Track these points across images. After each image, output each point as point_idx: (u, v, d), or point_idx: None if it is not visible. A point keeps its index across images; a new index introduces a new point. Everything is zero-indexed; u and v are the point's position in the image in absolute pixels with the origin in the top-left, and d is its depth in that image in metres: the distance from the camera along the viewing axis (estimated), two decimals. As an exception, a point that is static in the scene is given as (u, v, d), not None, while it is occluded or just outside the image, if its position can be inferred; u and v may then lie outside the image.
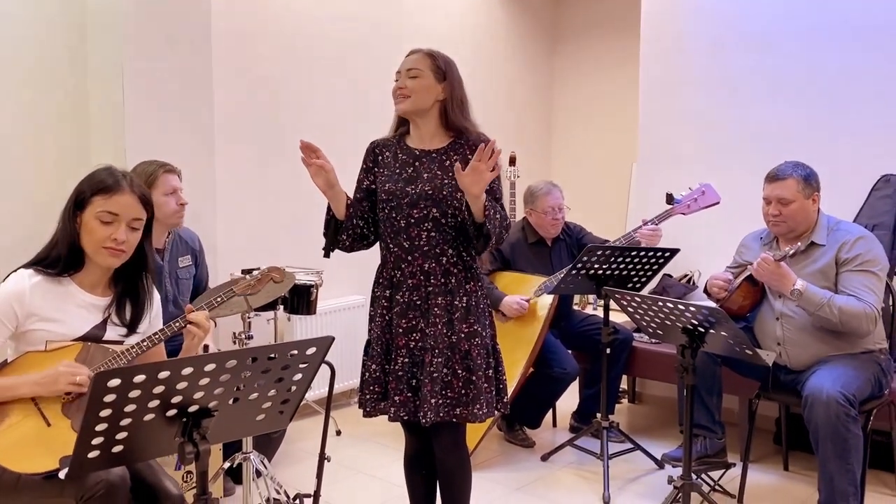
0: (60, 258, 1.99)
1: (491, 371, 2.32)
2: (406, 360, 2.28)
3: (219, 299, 2.12)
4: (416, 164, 2.32)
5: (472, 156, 2.28)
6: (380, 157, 2.39)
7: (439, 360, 2.24)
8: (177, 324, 2.01)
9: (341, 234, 2.34)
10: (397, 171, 2.33)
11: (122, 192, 1.98)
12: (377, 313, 2.34)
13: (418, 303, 2.28)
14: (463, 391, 2.26)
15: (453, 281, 2.28)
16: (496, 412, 2.34)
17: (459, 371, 2.25)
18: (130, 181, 2.02)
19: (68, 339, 1.95)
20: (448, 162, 2.30)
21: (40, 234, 2.10)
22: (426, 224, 2.27)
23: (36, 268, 1.99)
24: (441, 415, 2.23)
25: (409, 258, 2.28)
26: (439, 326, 2.25)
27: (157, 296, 2.18)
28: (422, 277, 2.28)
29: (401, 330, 2.28)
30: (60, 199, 2.07)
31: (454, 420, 2.26)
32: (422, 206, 2.26)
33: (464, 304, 2.28)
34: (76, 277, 2.01)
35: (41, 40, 3.93)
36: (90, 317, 2.01)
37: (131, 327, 2.06)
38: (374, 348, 2.34)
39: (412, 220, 2.27)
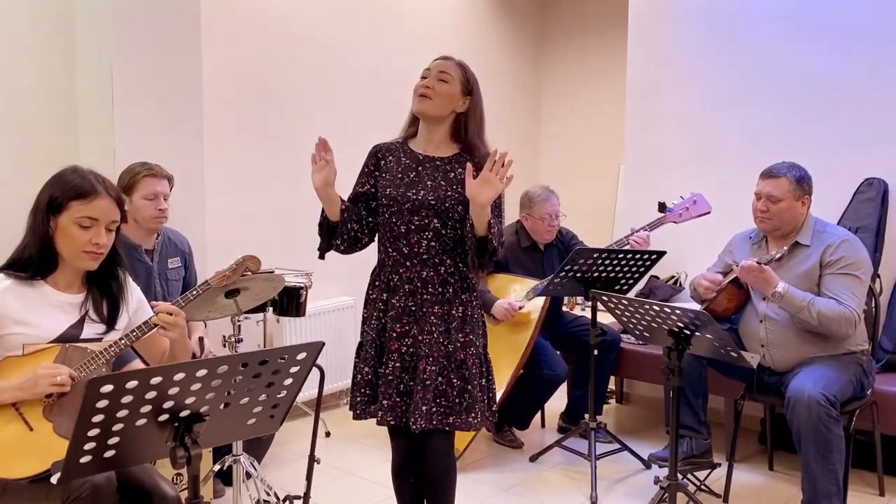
0: (32, 261, 1.98)
1: (484, 380, 2.34)
2: (397, 364, 2.29)
3: (194, 293, 2.14)
4: (419, 168, 2.33)
5: (476, 169, 2.29)
6: (382, 162, 2.38)
7: (434, 368, 2.25)
8: (146, 325, 2.02)
9: (336, 238, 2.33)
10: (399, 175, 2.33)
11: (100, 197, 1.97)
12: (372, 316, 2.35)
13: (413, 309, 2.29)
14: (457, 400, 2.27)
15: (450, 291, 2.30)
16: (487, 421, 2.36)
17: (454, 380, 2.27)
18: (104, 183, 2.01)
19: (45, 342, 1.95)
20: (452, 174, 2.31)
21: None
22: (426, 233, 2.28)
23: (6, 272, 1.98)
24: (434, 422, 2.25)
25: (408, 264, 2.29)
26: (435, 335, 2.27)
27: (136, 289, 2.17)
28: (419, 284, 2.29)
29: (394, 334, 2.29)
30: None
31: (446, 428, 2.28)
32: (423, 215, 2.27)
33: (460, 314, 2.30)
34: (49, 279, 2.01)
35: (28, 38, 3.91)
36: (66, 316, 2.00)
37: (109, 323, 2.06)
38: (366, 351, 2.34)
39: (412, 227, 2.28)
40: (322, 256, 2.41)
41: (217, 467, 2.83)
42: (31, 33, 3.93)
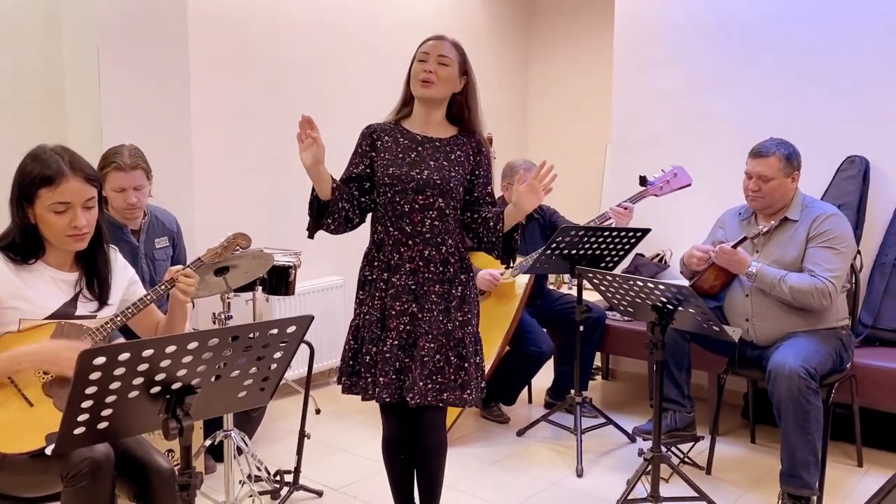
0: (18, 248, 1.97)
1: (478, 358, 2.39)
2: (395, 342, 2.30)
3: (191, 268, 2.16)
4: (420, 148, 2.34)
5: (475, 153, 2.37)
6: (378, 142, 2.37)
7: (432, 345, 2.29)
8: (148, 297, 2.03)
9: (327, 217, 2.33)
10: (400, 155, 2.34)
11: (66, 180, 1.92)
12: (374, 296, 2.34)
13: (413, 287, 2.31)
14: (453, 377, 2.31)
15: (451, 270, 2.33)
16: (479, 397, 2.41)
17: (452, 358, 2.31)
18: (70, 163, 1.94)
19: (40, 318, 1.96)
20: (453, 155, 2.34)
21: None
22: (430, 212, 2.30)
23: (1, 250, 1.98)
24: (429, 399, 2.28)
25: (410, 242, 2.31)
26: (435, 314, 2.30)
27: (126, 266, 2.18)
28: (420, 263, 2.31)
29: (393, 312, 2.31)
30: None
31: (440, 404, 2.32)
32: (428, 194, 2.29)
33: (459, 294, 2.34)
34: (42, 258, 2.01)
35: (13, 17, 3.89)
36: (60, 293, 2.01)
37: (101, 300, 2.07)
38: (372, 332, 2.33)
39: (416, 206, 2.30)
40: (311, 236, 2.41)
41: (208, 442, 2.86)
42: (15, 12, 3.90)
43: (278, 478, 2.97)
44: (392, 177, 2.31)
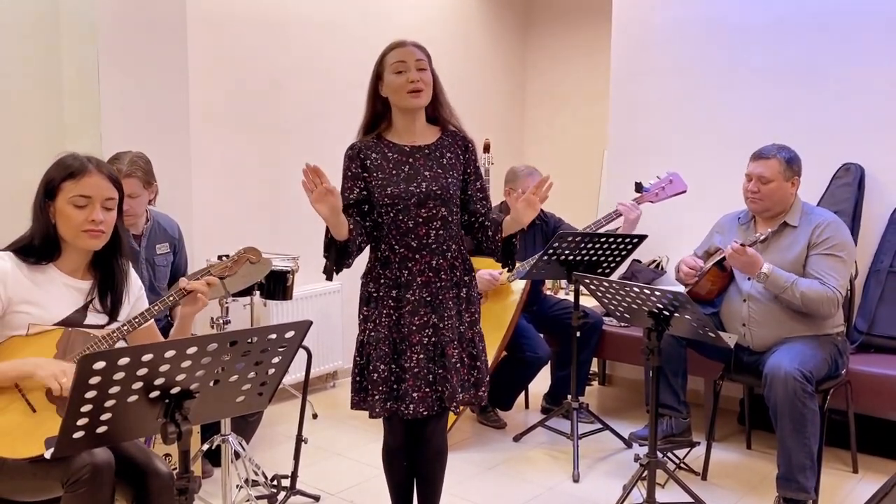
0: (34, 249, 2.00)
1: (485, 356, 2.41)
2: (421, 356, 2.29)
3: (198, 276, 2.16)
4: (411, 160, 2.32)
5: (463, 153, 2.37)
6: (367, 161, 2.32)
7: (457, 350, 2.31)
8: (156, 307, 2.05)
9: (348, 259, 2.28)
10: (393, 171, 2.30)
11: (90, 174, 1.99)
12: (381, 314, 2.31)
13: (428, 299, 2.30)
14: (467, 376, 2.34)
15: (457, 274, 2.35)
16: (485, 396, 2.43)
17: (465, 358, 2.34)
18: (96, 163, 2.03)
19: (50, 323, 1.97)
20: (444, 159, 2.34)
21: (13, 224, 2.12)
22: (435, 223, 2.29)
23: (14, 252, 2.00)
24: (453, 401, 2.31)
25: (417, 257, 2.29)
26: (453, 319, 2.31)
27: (136, 280, 2.20)
28: (431, 274, 2.30)
29: (414, 327, 2.29)
30: (35, 189, 2.05)
31: (460, 405, 2.33)
32: (430, 206, 2.28)
33: (465, 295, 2.36)
34: (56, 263, 2.03)
35: (12, 22, 3.89)
36: (71, 300, 2.02)
37: (112, 314, 2.09)
38: (380, 349, 2.30)
39: (420, 220, 2.28)
40: (330, 278, 2.35)
41: (206, 447, 2.86)
42: (14, 13, 3.91)
43: (275, 482, 2.97)
44: (392, 196, 2.27)
